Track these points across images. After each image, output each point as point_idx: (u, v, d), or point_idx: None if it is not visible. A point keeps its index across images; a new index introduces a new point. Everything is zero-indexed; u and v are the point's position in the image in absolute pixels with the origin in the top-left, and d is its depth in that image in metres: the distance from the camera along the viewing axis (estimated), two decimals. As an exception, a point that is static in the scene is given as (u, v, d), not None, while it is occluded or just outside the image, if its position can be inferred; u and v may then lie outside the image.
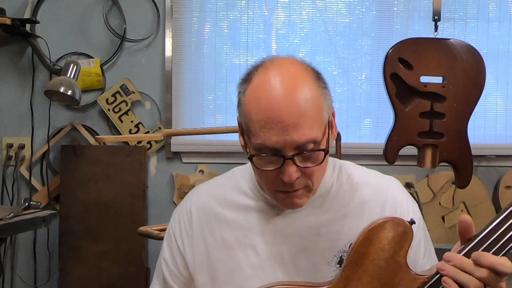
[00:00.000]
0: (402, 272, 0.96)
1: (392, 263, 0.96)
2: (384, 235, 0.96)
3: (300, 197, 1.04)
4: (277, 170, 0.99)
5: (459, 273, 0.90)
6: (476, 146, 2.49)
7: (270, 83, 0.98)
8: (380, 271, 0.96)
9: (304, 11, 2.92)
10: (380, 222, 0.97)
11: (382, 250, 0.96)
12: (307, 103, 0.97)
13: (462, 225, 0.94)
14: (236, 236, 1.12)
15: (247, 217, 1.12)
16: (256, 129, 0.98)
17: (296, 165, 0.98)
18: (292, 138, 0.96)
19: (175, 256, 1.17)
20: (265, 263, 1.10)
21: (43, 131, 2.85)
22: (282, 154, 0.97)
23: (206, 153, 2.89)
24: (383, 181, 1.16)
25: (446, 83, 2.11)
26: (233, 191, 1.16)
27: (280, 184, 1.01)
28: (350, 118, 2.92)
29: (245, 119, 1.01)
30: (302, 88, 0.98)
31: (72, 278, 2.77)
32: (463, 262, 0.91)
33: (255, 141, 0.99)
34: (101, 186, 2.79)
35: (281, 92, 0.96)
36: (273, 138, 0.96)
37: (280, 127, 0.95)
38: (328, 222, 1.10)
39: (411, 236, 0.97)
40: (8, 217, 2.07)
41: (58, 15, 2.83)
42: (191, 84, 2.89)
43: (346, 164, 1.18)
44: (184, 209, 1.19)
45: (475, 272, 0.89)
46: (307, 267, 1.09)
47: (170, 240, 1.19)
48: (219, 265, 1.12)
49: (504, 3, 2.94)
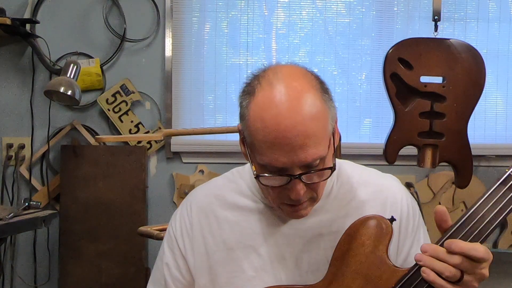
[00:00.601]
0: (383, 266, 1.00)
1: (373, 258, 1.00)
2: (364, 231, 1.01)
3: (305, 208, 1.04)
4: (283, 186, 0.99)
5: (435, 261, 0.93)
6: (476, 146, 2.50)
7: (275, 101, 0.95)
8: (362, 265, 1.00)
9: (304, 11, 2.92)
10: (360, 220, 1.03)
11: (363, 246, 1.01)
12: (313, 122, 0.95)
13: (438, 216, 0.96)
14: (237, 238, 1.12)
15: (248, 219, 1.12)
16: (262, 149, 0.97)
17: (303, 182, 0.98)
18: (300, 158, 0.95)
19: (177, 259, 1.16)
20: (267, 265, 1.10)
21: (43, 131, 2.84)
22: (289, 173, 0.97)
23: (206, 153, 2.89)
24: (382, 180, 1.17)
25: (446, 83, 2.11)
26: (234, 193, 1.15)
27: (286, 198, 1.01)
28: (350, 118, 2.92)
29: (249, 135, 0.99)
30: (309, 106, 0.95)
31: (72, 278, 2.77)
32: (438, 251, 0.93)
33: (262, 160, 0.98)
34: (101, 186, 2.79)
35: (287, 113, 0.94)
36: (281, 159, 0.95)
37: (288, 149, 0.94)
38: (329, 222, 1.10)
39: (390, 232, 1.01)
40: (8, 217, 2.07)
41: (58, 15, 2.83)
42: (191, 84, 2.89)
43: (346, 163, 1.18)
44: (184, 210, 1.18)
45: (449, 259, 0.92)
46: (310, 267, 1.09)
47: (171, 242, 1.18)
48: (220, 267, 1.12)
49: (504, 3, 2.95)
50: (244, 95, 1.01)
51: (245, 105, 1.00)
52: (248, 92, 1.00)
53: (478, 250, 0.91)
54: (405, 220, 1.12)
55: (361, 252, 1.00)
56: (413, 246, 1.12)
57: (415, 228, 1.13)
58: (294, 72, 1.00)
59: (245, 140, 1.03)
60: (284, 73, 0.99)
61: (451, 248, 0.92)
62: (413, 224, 1.13)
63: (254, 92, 0.98)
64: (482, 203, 0.95)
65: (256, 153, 0.99)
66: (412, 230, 1.13)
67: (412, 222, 1.13)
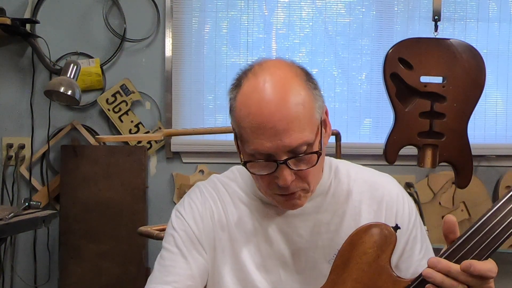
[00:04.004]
0: (385, 275, 0.98)
1: (375, 267, 0.98)
2: (367, 239, 0.99)
3: (299, 198, 1.04)
4: (272, 174, 0.99)
5: (446, 279, 0.90)
6: (476, 146, 2.50)
7: (259, 88, 0.98)
8: (363, 274, 0.98)
9: (304, 11, 2.92)
10: (364, 227, 1.00)
11: (365, 254, 0.98)
12: (298, 107, 0.97)
13: (447, 225, 0.94)
14: (240, 233, 1.12)
15: (249, 215, 1.13)
16: (248, 135, 0.98)
17: (290, 169, 0.98)
18: (284, 142, 0.96)
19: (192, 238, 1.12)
20: (267, 261, 1.11)
21: (43, 131, 2.85)
22: (275, 159, 0.98)
23: (206, 153, 2.89)
24: (379, 179, 1.17)
25: (446, 83, 2.11)
26: (236, 189, 1.16)
27: (276, 188, 1.02)
28: (350, 118, 2.92)
29: (237, 125, 1.02)
30: (292, 92, 0.97)
31: (72, 278, 2.77)
32: (449, 268, 0.90)
33: (248, 147, 0.99)
34: (101, 186, 2.79)
35: (271, 97, 0.96)
36: (266, 144, 0.96)
37: (272, 133, 0.96)
38: (327, 221, 1.11)
39: (394, 241, 0.99)
40: (8, 217, 2.06)
41: (58, 15, 2.83)
42: (191, 84, 2.89)
43: (342, 163, 1.19)
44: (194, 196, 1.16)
45: (459, 277, 0.90)
46: (308, 265, 1.10)
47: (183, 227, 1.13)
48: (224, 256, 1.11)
49: (504, 3, 2.95)
50: (232, 89, 1.04)
51: (232, 97, 1.03)
52: (236, 85, 1.03)
53: (494, 271, 0.89)
54: (400, 218, 1.12)
55: (363, 261, 0.98)
56: (408, 243, 1.12)
57: (411, 226, 1.13)
58: (279, 63, 1.03)
59: (235, 133, 1.04)
60: (269, 64, 1.02)
61: (469, 271, 0.88)
62: (408, 222, 1.13)
63: (241, 84, 1.01)
64: (491, 216, 0.91)
65: (244, 141, 1.00)
66: (408, 228, 1.13)
67: (407, 220, 1.13)
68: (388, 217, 1.11)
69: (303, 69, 1.04)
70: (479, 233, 0.91)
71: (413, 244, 1.13)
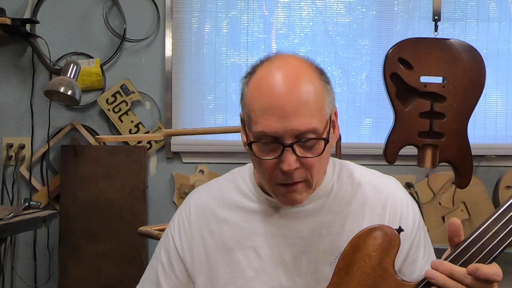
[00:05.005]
0: (389, 279, 0.97)
1: (378, 270, 0.97)
2: (371, 242, 0.97)
3: (300, 192, 1.03)
4: (277, 159, 0.99)
5: (448, 280, 0.90)
6: (476, 146, 2.49)
7: (273, 73, 0.99)
8: (367, 277, 0.97)
9: (304, 11, 2.92)
10: (367, 230, 0.99)
11: (369, 257, 0.97)
12: (309, 93, 0.98)
13: (451, 228, 0.93)
14: (237, 238, 1.11)
15: (247, 219, 1.12)
16: (257, 117, 0.98)
17: (296, 155, 0.98)
18: (292, 125, 0.96)
19: (172, 259, 1.15)
20: (267, 265, 1.09)
21: (43, 131, 2.84)
22: (282, 142, 0.97)
23: (206, 153, 2.89)
24: (383, 181, 1.16)
25: (446, 83, 2.11)
26: (233, 193, 1.15)
27: (279, 175, 1.00)
28: (350, 118, 2.92)
29: (247, 109, 1.02)
30: (305, 79, 0.99)
31: (72, 278, 2.77)
32: (453, 270, 0.90)
33: (256, 129, 0.99)
34: (101, 186, 2.79)
35: (283, 81, 0.98)
36: (274, 125, 0.96)
37: (281, 114, 0.96)
38: (329, 223, 1.10)
39: (398, 244, 0.98)
40: (8, 217, 2.06)
41: (58, 15, 2.83)
42: (191, 84, 2.89)
43: (347, 164, 1.18)
44: (183, 211, 1.18)
45: (464, 280, 0.89)
46: (309, 269, 1.09)
47: (167, 243, 1.17)
48: (219, 267, 1.11)
49: (504, 3, 2.95)
50: (245, 76, 1.06)
51: (245, 82, 1.04)
52: (249, 73, 1.05)
53: (499, 276, 0.89)
54: (404, 222, 1.11)
55: (367, 264, 0.97)
56: (411, 248, 1.11)
57: (415, 230, 1.12)
58: (295, 56, 1.05)
59: (245, 122, 1.05)
60: (285, 55, 1.05)
61: (475, 274, 0.88)
62: (412, 226, 1.12)
63: (255, 71, 1.03)
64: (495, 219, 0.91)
65: (252, 123, 1.00)
66: (412, 232, 1.11)
67: (412, 223, 1.12)
68: (392, 221, 1.10)
69: (317, 65, 1.06)
70: (483, 237, 0.91)
71: (417, 249, 1.12)
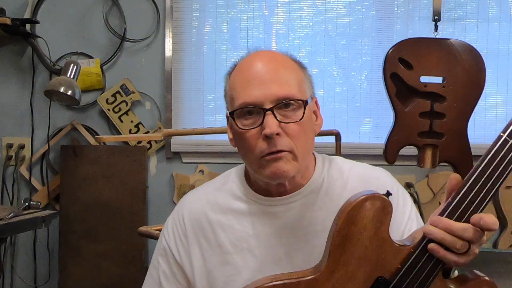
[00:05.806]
0: (387, 246, 0.96)
1: (376, 240, 0.95)
2: (364, 214, 0.95)
3: (285, 161, 1.03)
4: (259, 127, 1.02)
5: (446, 235, 0.91)
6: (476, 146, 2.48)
7: (251, 57, 1.09)
8: (367, 250, 0.95)
9: (304, 11, 2.92)
10: (358, 202, 0.96)
11: (365, 229, 0.95)
12: (286, 64, 1.07)
13: (453, 182, 0.95)
14: (232, 241, 1.12)
15: (241, 221, 1.12)
16: (238, 93, 1.05)
17: (277, 120, 1.02)
18: (271, 90, 1.02)
19: (173, 268, 1.16)
20: (263, 266, 1.10)
21: (43, 131, 2.85)
22: (263, 108, 1.02)
23: (206, 153, 2.89)
24: (372, 173, 1.18)
25: (446, 83, 2.11)
26: (225, 196, 1.16)
27: (264, 145, 1.02)
28: (350, 118, 2.91)
29: (229, 94, 1.09)
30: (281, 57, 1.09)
31: (72, 278, 2.77)
32: (452, 226, 0.91)
33: (237, 102, 1.04)
34: (101, 186, 2.79)
35: (261, 58, 1.07)
36: (253, 92, 1.03)
37: (259, 82, 1.03)
38: (322, 219, 1.10)
39: (390, 211, 0.96)
40: (8, 217, 2.07)
41: (58, 15, 2.83)
42: (191, 84, 2.89)
43: (336, 159, 1.20)
44: (176, 218, 1.18)
45: (463, 234, 0.90)
46: (304, 264, 1.09)
47: (165, 252, 1.18)
48: (217, 271, 1.12)
49: (504, 3, 2.95)
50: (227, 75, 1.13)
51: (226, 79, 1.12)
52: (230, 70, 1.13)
53: (497, 224, 0.90)
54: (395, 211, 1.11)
55: (364, 237, 0.95)
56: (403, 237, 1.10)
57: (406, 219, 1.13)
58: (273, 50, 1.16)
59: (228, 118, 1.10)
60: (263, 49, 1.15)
61: (479, 224, 0.89)
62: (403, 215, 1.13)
63: (235, 67, 1.12)
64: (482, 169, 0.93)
65: (234, 102, 1.06)
66: (403, 221, 1.12)
67: (402, 213, 1.13)
68: None
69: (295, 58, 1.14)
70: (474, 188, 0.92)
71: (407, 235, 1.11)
